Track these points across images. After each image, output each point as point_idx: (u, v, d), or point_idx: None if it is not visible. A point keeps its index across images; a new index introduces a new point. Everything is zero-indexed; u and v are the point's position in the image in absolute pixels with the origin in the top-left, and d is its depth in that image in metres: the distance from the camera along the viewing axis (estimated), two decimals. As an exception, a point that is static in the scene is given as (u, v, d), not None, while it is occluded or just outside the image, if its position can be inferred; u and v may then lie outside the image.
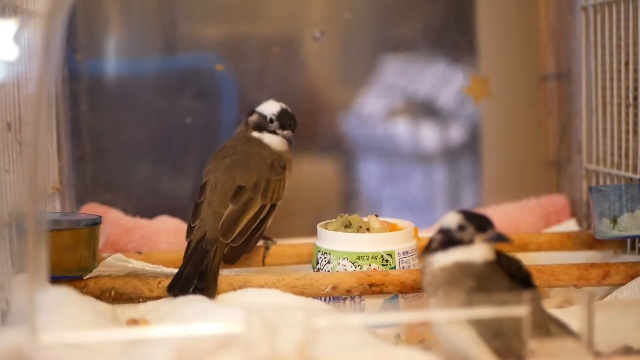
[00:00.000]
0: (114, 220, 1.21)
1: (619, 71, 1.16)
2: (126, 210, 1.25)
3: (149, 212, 1.25)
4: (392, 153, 1.30)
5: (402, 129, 1.32)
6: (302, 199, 1.28)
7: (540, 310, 0.77)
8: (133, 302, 0.96)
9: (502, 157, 1.37)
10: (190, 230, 1.04)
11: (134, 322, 0.84)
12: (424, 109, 1.34)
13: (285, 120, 1.12)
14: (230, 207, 1.04)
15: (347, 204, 1.32)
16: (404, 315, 0.72)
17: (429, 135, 1.32)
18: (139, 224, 1.21)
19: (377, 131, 1.31)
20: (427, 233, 1.21)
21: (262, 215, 1.06)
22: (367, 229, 1.04)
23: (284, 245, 1.12)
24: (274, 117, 1.12)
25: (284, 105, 1.13)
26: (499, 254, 0.82)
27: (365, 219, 1.06)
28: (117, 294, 0.97)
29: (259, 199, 1.06)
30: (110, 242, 1.18)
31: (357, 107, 1.33)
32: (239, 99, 1.31)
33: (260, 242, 1.09)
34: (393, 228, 1.06)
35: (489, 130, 1.37)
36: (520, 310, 0.70)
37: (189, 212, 1.06)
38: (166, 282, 0.96)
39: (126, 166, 1.28)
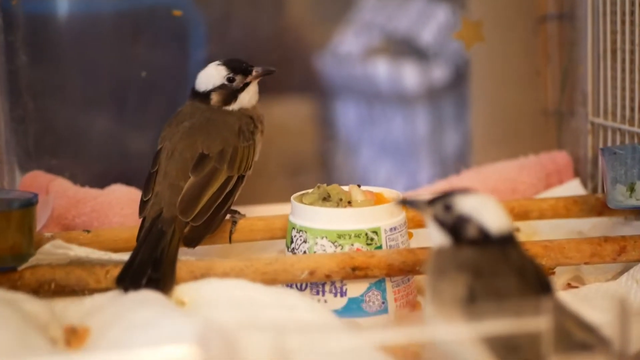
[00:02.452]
0: (61, 191, 1.06)
1: (631, 12, 1.03)
2: (75, 179, 1.10)
3: (101, 181, 1.10)
4: (371, 95, 1.21)
5: (381, 69, 1.22)
6: (276, 146, 1.16)
7: (560, 310, 0.64)
8: (77, 295, 0.83)
9: (495, 108, 1.24)
10: (143, 206, 0.90)
11: (72, 331, 0.70)
12: (405, 48, 1.23)
13: (240, 64, 0.98)
14: (191, 179, 0.90)
15: (323, 150, 1.21)
16: (397, 333, 0.59)
17: (410, 75, 1.21)
18: (89, 194, 1.07)
19: (355, 71, 1.21)
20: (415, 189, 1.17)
21: (229, 189, 0.92)
22: (349, 202, 0.91)
23: (254, 218, 0.98)
24: (230, 76, 0.97)
25: (224, 60, 0.99)
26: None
27: (346, 189, 0.93)
28: (58, 287, 0.83)
29: (225, 170, 0.92)
30: (56, 216, 1.04)
31: (333, 47, 1.21)
32: (205, 45, 1.17)
33: (227, 216, 0.95)
34: (378, 200, 0.92)
35: (479, 77, 1.23)
36: (538, 321, 0.57)
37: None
38: (115, 271, 0.83)
39: (74, 127, 1.13)
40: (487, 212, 0.69)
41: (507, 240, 0.68)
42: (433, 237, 0.70)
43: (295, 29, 1.22)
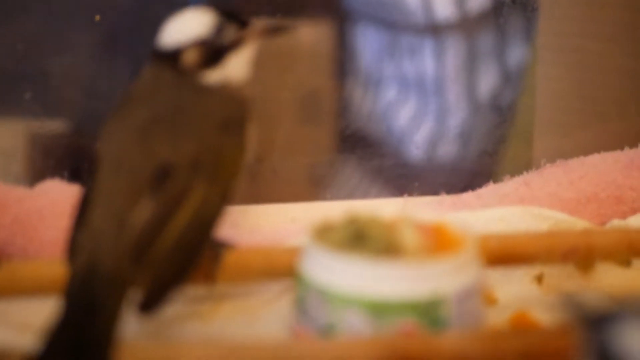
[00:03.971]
0: (-31, 190, 0.74)
1: None
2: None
3: (29, 174, 0.78)
4: (396, 21, 0.98)
5: None
6: (284, 82, 0.91)
7: None
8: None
9: (565, 56, 0.94)
10: (70, 249, 0.58)
11: None
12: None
13: (235, 14, 0.66)
14: (148, 205, 0.57)
15: (339, 84, 0.96)
16: None
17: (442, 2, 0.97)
18: (11, 195, 0.75)
19: None
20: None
21: (208, 216, 0.59)
22: (395, 247, 0.58)
23: (248, 251, 0.66)
24: (219, 24, 0.64)
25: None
26: None
27: (386, 216, 0.60)
28: None
29: (200, 187, 0.59)
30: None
31: None
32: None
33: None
34: (440, 240, 0.59)
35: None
36: None
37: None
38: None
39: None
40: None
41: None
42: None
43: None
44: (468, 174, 0.92)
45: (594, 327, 0.40)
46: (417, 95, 0.98)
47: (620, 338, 0.38)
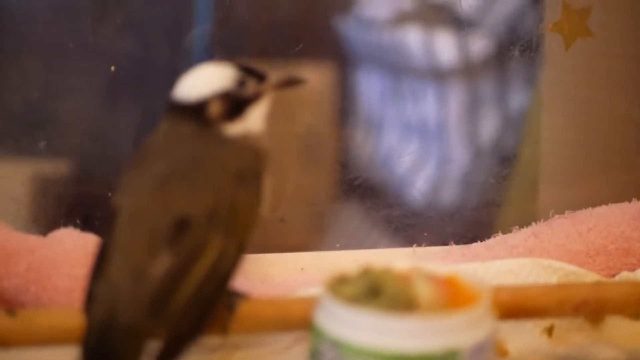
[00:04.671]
0: (-16, 238, 0.75)
1: None
2: (7, 217, 0.79)
3: (44, 221, 0.79)
4: (399, 66, 0.99)
5: (412, 37, 0.98)
6: (287, 122, 0.91)
7: None
8: None
9: (570, 105, 0.94)
10: (88, 304, 0.58)
11: None
12: (441, 15, 0.98)
13: (253, 68, 0.68)
14: (166, 258, 0.58)
15: (342, 129, 0.96)
16: None
17: (445, 47, 0.98)
18: (24, 244, 0.75)
19: (382, 39, 0.98)
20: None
21: (225, 269, 0.60)
22: (410, 301, 0.58)
23: (261, 302, 0.66)
24: (241, 78, 0.66)
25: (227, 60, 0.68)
26: None
27: (399, 268, 0.61)
28: None
29: (217, 239, 0.60)
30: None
31: (358, 9, 0.97)
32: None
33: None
34: (453, 293, 0.60)
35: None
36: None
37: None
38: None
39: (9, 141, 0.82)
40: None
41: None
42: None
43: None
44: (475, 224, 0.93)
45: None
46: (419, 140, 0.98)
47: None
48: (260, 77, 0.67)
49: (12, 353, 0.63)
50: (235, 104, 0.66)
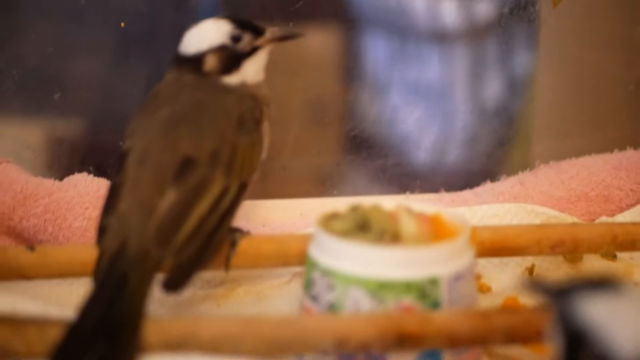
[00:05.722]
0: (4, 182, 0.79)
1: None
2: (24, 164, 0.83)
3: (59, 168, 0.83)
4: (404, 28, 0.99)
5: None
6: (293, 85, 0.93)
7: None
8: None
9: (574, 72, 0.97)
10: (100, 234, 0.63)
11: None
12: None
13: (249, 21, 0.72)
14: (172, 194, 0.63)
15: (346, 88, 0.97)
16: None
17: (450, 10, 0.98)
18: (41, 187, 0.80)
19: (388, 1, 0.97)
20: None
21: (226, 204, 0.65)
22: (396, 235, 0.63)
23: (261, 238, 0.72)
24: (236, 33, 0.71)
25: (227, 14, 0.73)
26: None
27: (387, 206, 0.66)
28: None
29: (220, 178, 0.65)
30: (-4, 217, 0.78)
31: None
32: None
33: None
34: (437, 228, 0.65)
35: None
36: None
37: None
38: (53, 332, 0.56)
39: (25, 94, 0.86)
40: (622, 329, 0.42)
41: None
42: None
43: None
44: (468, 174, 0.96)
45: (556, 300, 0.46)
46: (423, 100, 1.00)
47: (578, 308, 0.44)
48: (257, 32, 0.71)
49: (32, 284, 0.69)
50: (230, 57, 0.71)
